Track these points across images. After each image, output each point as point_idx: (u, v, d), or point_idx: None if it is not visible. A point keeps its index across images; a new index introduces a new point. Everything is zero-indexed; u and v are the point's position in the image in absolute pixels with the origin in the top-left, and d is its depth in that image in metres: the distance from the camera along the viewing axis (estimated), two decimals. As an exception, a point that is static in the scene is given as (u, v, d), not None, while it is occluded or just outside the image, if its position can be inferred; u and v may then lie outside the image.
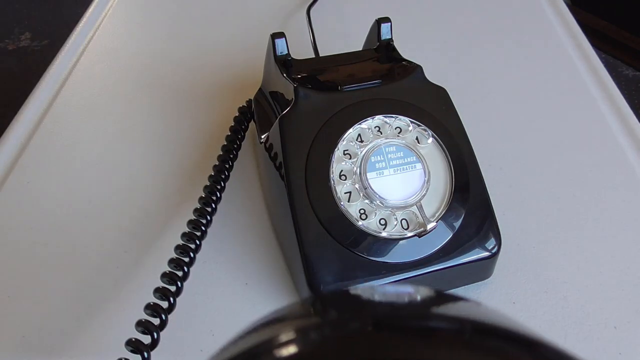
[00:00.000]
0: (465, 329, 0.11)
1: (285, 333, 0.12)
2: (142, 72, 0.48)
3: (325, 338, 0.11)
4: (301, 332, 0.12)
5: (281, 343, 0.11)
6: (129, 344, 0.26)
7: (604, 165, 0.39)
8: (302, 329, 0.12)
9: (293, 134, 0.31)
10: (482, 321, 0.12)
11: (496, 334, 0.11)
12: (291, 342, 0.11)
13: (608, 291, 0.32)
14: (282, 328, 0.12)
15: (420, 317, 0.12)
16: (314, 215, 0.29)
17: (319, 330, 0.12)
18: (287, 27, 0.53)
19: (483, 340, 0.11)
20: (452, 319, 0.12)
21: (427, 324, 0.12)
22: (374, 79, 0.34)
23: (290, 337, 0.11)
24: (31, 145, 0.41)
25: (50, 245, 0.35)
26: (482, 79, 0.47)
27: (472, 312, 0.13)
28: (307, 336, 0.11)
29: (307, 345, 0.11)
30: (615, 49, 1.56)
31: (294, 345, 0.11)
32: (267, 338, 0.12)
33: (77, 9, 1.74)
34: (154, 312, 0.27)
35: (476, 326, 0.12)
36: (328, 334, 0.11)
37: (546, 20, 0.53)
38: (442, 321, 0.12)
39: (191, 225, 0.32)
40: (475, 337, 0.11)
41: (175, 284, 0.29)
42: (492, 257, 0.30)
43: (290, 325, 0.13)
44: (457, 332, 0.11)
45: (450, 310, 0.13)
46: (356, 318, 0.12)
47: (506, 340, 0.11)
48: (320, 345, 0.11)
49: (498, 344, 0.11)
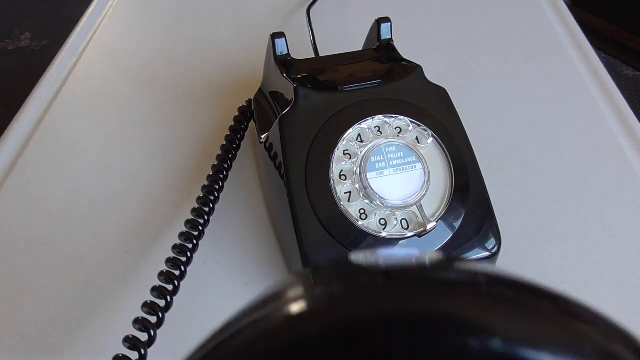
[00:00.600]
0: (480, 280, 0.11)
1: (291, 290, 0.11)
2: (141, 72, 0.48)
3: (334, 292, 0.10)
4: (309, 288, 0.11)
5: (288, 299, 0.10)
6: (127, 341, 0.26)
7: (604, 165, 0.39)
8: (309, 285, 0.11)
9: (293, 134, 0.31)
10: (498, 274, 0.11)
11: (512, 286, 0.11)
12: (299, 297, 0.10)
13: (608, 291, 0.32)
14: (285, 291, 0.11)
15: (433, 269, 0.11)
16: (314, 215, 0.29)
17: (326, 285, 0.11)
18: (287, 27, 0.53)
19: (502, 291, 0.10)
20: (465, 271, 0.11)
21: (441, 276, 0.11)
22: (374, 79, 0.34)
23: (297, 293, 0.11)
24: (31, 145, 0.41)
25: (50, 245, 0.35)
26: (482, 79, 0.47)
27: (485, 267, 0.12)
28: (314, 292, 0.11)
29: (316, 299, 0.10)
30: (615, 49, 1.56)
31: (303, 301, 0.10)
32: (273, 294, 0.11)
33: (77, 9, 1.74)
34: (151, 310, 0.27)
35: (492, 278, 0.11)
36: (337, 288, 0.11)
37: (546, 20, 0.53)
38: (456, 273, 0.11)
39: (188, 225, 0.32)
40: (494, 288, 0.10)
41: (172, 283, 0.29)
42: (492, 257, 0.30)
43: (296, 283, 0.12)
44: (473, 284, 0.11)
45: (463, 264, 0.12)
46: (365, 272, 0.11)
47: (523, 292, 0.11)
48: (330, 299, 0.10)
49: (515, 294, 0.10)
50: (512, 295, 0.10)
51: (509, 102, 0.45)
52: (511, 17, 0.54)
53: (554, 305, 0.10)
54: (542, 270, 0.33)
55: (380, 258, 0.14)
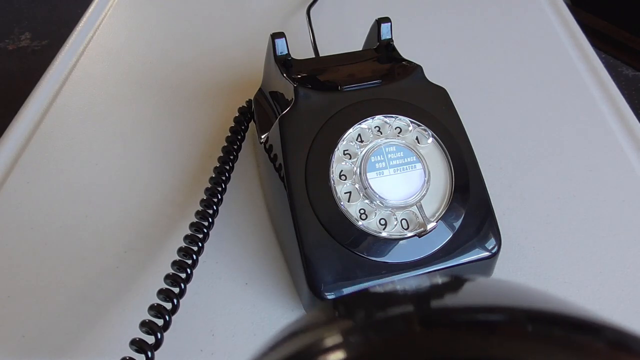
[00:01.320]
0: (521, 319, 0.10)
1: (327, 338, 0.10)
2: (141, 72, 0.48)
3: (370, 341, 0.10)
4: (344, 336, 0.10)
5: (325, 349, 0.10)
6: (133, 344, 0.26)
7: (604, 165, 0.39)
8: (342, 332, 0.10)
9: (293, 134, 0.31)
10: (536, 309, 0.11)
11: (557, 322, 0.10)
12: (336, 347, 0.10)
13: (608, 291, 0.32)
14: (320, 334, 0.11)
15: (469, 310, 0.11)
16: (314, 215, 0.29)
17: (361, 333, 0.10)
18: (287, 27, 0.53)
19: (547, 331, 0.10)
20: (503, 310, 0.11)
21: (479, 318, 0.10)
22: (374, 79, 0.34)
23: (334, 342, 0.10)
24: (31, 145, 0.41)
25: (50, 245, 0.35)
26: (482, 79, 0.47)
27: (514, 297, 0.11)
28: (350, 341, 0.10)
29: (354, 350, 0.10)
30: (615, 49, 1.56)
31: (341, 351, 0.10)
32: (308, 344, 0.10)
33: (77, 9, 1.74)
34: (158, 312, 0.27)
35: (532, 315, 0.10)
36: (372, 337, 0.10)
37: (546, 20, 0.53)
38: (494, 313, 0.10)
39: (193, 227, 0.32)
40: (538, 327, 0.10)
41: (179, 286, 0.29)
42: (492, 257, 0.30)
43: (326, 330, 0.11)
44: (515, 324, 0.10)
45: (490, 296, 0.12)
46: (396, 317, 0.11)
47: (570, 328, 0.10)
48: (368, 349, 0.10)
49: (564, 333, 0.10)
50: (562, 334, 0.10)
51: (509, 102, 0.45)
52: (511, 17, 0.54)
53: (604, 340, 0.10)
54: (542, 270, 0.33)
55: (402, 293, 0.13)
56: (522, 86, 0.46)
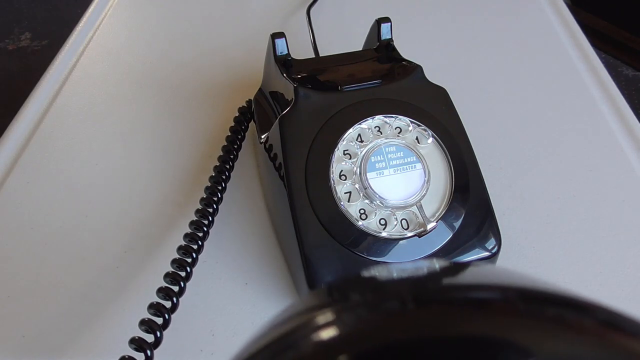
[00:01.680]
0: (514, 297, 0.10)
1: (320, 316, 0.10)
2: (141, 72, 0.48)
3: (364, 319, 0.10)
4: (338, 314, 0.10)
5: (318, 326, 0.10)
6: (133, 342, 0.26)
7: (604, 165, 0.39)
8: (337, 310, 0.10)
9: (293, 134, 0.31)
10: (528, 287, 0.11)
11: (549, 301, 0.10)
12: (329, 324, 0.10)
13: (608, 291, 0.32)
14: (311, 316, 0.11)
15: (462, 287, 0.11)
16: (314, 215, 0.29)
17: (353, 312, 0.10)
18: (287, 27, 0.53)
19: (539, 309, 0.10)
20: (496, 288, 0.11)
21: (472, 295, 0.10)
22: (374, 79, 0.34)
23: (327, 320, 0.10)
24: (31, 145, 0.41)
25: (50, 245, 0.35)
26: (482, 79, 0.47)
27: (507, 278, 0.12)
28: (343, 318, 0.10)
29: (348, 326, 0.10)
30: (615, 49, 1.56)
31: (334, 328, 0.10)
32: (301, 322, 0.10)
33: (77, 9, 1.74)
34: (157, 311, 0.27)
35: (524, 294, 0.10)
36: (366, 315, 0.10)
37: (546, 20, 0.53)
38: (487, 291, 0.11)
39: (193, 226, 0.32)
40: (531, 305, 0.10)
41: (178, 284, 0.29)
42: (492, 257, 0.30)
43: (320, 309, 0.11)
44: (508, 302, 0.10)
45: (484, 277, 0.12)
46: (390, 296, 0.11)
47: (562, 307, 0.10)
48: (362, 326, 0.10)
49: (556, 311, 0.10)
50: (554, 313, 0.10)
51: (509, 102, 0.45)
52: (511, 17, 0.54)
53: (595, 319, 0.10)
54: (542, 270, 0.33)
55: (397, 276, 0.13)
56: (522, 86, 0.46)
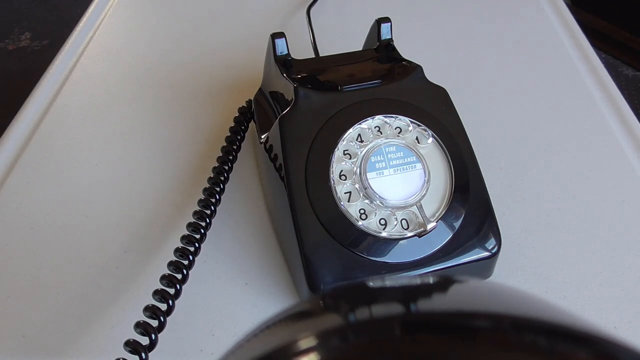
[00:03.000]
0: (506, 326, 0.10)
1: (303, 339, 0.10)
2: (141, 72, 0.48)
3: (349, 345, 0.10)
4: (322, 338, 0.10)
5: (300, 351, 0.10)
6: (128, 345, 0.26)
7: (604, 165, 0.39)
8: (321, 333, 0.10)
9: (293, 134, 0.31)
10: (523, 316, 0.10)
11: (543, 331, 0.10)
12: (312, 349, 0.10)
13: (608, 291, 0.32)
14: (298, 331, 0.11)
15: (452, 315, 0.11)
16: (314, 215, 0.29)
17: (340, 335, 0.10)
18: (287, 27, 0.53)
19: (531, 339, 0.10)
20: (488, 316, 0.11)
21: (461, 323, 0.10)
22: (374, 79, 0.34)
23: (310, 344, 0.10)
24: (31, 145, 0.41)
25: (51, 245, 0.35)
26: (482, 79, 0.47)
27: (504, 302, 0.11)
28: (329, 343, 0.10)
29: (331, 353, 0.10)
30: (615, 49, 1.56)
31: (316, 354, 0.10)
32: (284, 343, 0.10)
33: (77, 9, 1.74)
34: (152, 313, 0.27)
35: (518, 323, 0.10)
36: (352, 339, 0.10)
37: (546, 20, 0.53)
38: (478, 319, 0.10)
39: (190, 228, 0.32)
40: (522, 335, 0.10)
41: (175, 287, 0.29)
42: (492, 257, 0.30)
43: (307, 327, 0.11)
44: (499, 331, 0.10)
45: (480, 301, 0.12)
46: (381, 319, 0.11)
47: (555, 337, 0.10)
48: (345, 353, 0.10)
49: (548, 342, 0.10)
50: (545, 344, 0.10)
51: (509, 102, 0.45)
52: (511, 17, 0.54)
53: (591, 351, 0.10)
54: (542, 270, 0.33)
55: (392, 291, 0.13)
56: (522, 86, 0.46)
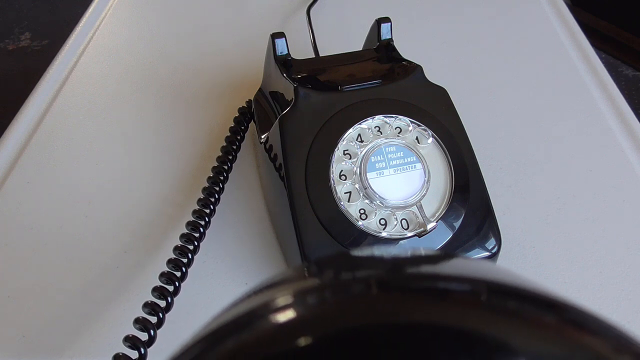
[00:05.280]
0: (479, 289, 0.10)
1: (281, 297, 0.11)
2: (141, 72, 0.48)
3: (325, 302, 0.10)
4: (299, 296, 0.11)
5: (278, 307, 0.10)
6: (127, 340, 0.26)
7: (604, 165, 0.39)
8: (299, 292, 0.11)
9: (293, 134, 0.31)
10: (497, 281, 0.11)
11: (514, 295, 0.10)
12: (288, 306, 0.10)
13: (608, 291, 0.32)
14: (277, 292, 0.11)
15: (429, 277, 0.11)
16: (314, 215, 0.29)
17: (318, 293, 0.11)
18: (287, 27, 0.53)
19: (500, 302, 0.10)
20: (464, 279, 0.11)
21: (436, 285, 0.10)
22: (374, 79, 0.34)
23: (287, 302, 0.10)
24: (31, 145, 0.41)
25: (50, 245, 0.35)
26: (482, 79, 0.47)
27: (484, 272, 0.12)
28: (305, 300, 0.10)
29: (307, 309, 0.10)
30: (615, 49, 1.56)
31: (292, 310, 0.10)
32: (262, 302, 0.11)
33: (77, 9, 1.74)
34: (151, 310, 0.27)
35: (491, 286, 0.10)
36: (328, 297, 0.10)
37: (546, 20, 0.53)
38: (453, 282, 0.11)
39: (189, 226, 0.32)
40: (492, 298, 0.10)
41: (173, 284, 0.29)
42: (492, 257, 0.30)
43: (286, 288, 0.11)
44: (471, 293, 0.10)
45: (461, 269, 0.12)
46: (358, 279, 0.11)
47: (525, 301, 0.10)
48: (320, 309, 0.10)
49: (517, 305, 0.10)
50: (514, 306, 0.10)
51: (509, 102, 0.45)
52: (511, 17, 0.54)
53: (558, 316, 0.10)
54: (542, 270, 0.33)
55: (377, 258, 0.14)
56: (522, 86, 0.46)
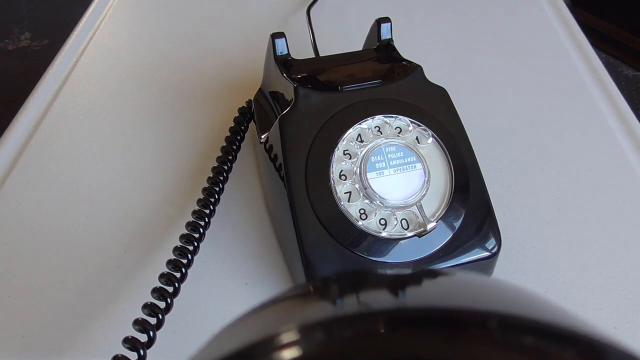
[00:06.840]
0: (492, 323, 0.10)
1: (287, 331, 0.10)
2: (141, 72, 0.48)
3: (333, 339, 0.10)
4: (305, 331, 0.10)
5: (283, 344, 0.10)
6: (126, 342, 0.26)
7: (604, 165, 0.39)
8: (306, 327, 0.11)
9: (293, 134, 0.31)
10: (511, 314, 0.10)
11: (531, 330, 0.10)
12: (295, 343, 0.10)
13: (608, 291, 0.32)
14: (284, 323, 0.11)
15: (438, 310, 0.11)
16: (314, 215, 0.29)
17: (325, 329, 0.10)
18: (287, 27, 0.53)
19: (519, 338, 0.10)
20: (472, 313, 0.10)
21: (447, 319, 0.10)
22: (374, 79, 0.34)
23: (294, 338, 0.10)
24: (31, 145, 0.41)
25: (50, 245, 0.35)
26: (482, 79, 0.47)
27: (493, 299, 0.11)
28: (311, 337, 0.10)
29: (313, 348, 0.10)
30: (615, 49, 1.56)
31: (298, 348, 0.10)
32: (266, 336, 0.10)
33: (77, 9, 1.74)
34: (151, 311, 0.27)
35: (506, 321, 0.10)
36: (336, 334, 0.10)
37: (546, 20, 0.53)
38: (463, 316, 0.10)
39: (189, 227, 0.32)
40: (509, 333, 0.10)
41: (173, 285, 0.29)
42: (492, 257, 0.30)
43: (293, 318, 0.11)
44: (483, 328, 0.10)
45: (474, 297, 0.12)
46: (367, 313, 0.11)
47: (544, 336, 0.10)
48: (328, 348, 0.10)
49: (537, 340, 0.09)
50: (531, 343, 0.10)
51: (509, 102, 0.45)
52: (511, 17, 0.54)
53: (575, 350, 0.10)
54: (542, 270, 0.33)
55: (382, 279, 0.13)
56: (522, 86, 0.46)
